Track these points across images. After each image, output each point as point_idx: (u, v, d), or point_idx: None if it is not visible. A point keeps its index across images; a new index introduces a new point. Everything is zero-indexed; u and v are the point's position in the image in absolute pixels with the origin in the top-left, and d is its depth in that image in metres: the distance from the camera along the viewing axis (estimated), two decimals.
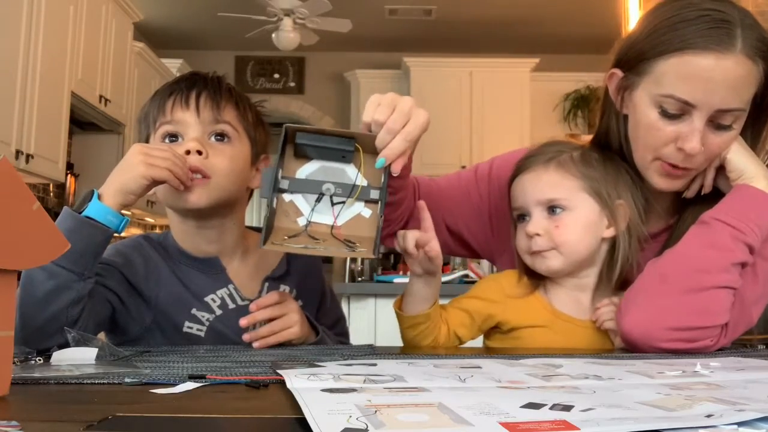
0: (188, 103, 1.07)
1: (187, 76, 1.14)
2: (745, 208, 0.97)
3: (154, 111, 1.09)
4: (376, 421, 0.44)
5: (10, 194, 0.55)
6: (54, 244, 0.61)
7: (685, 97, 0.94)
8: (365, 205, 0.92)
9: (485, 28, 5.89)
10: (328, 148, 0.91)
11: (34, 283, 0.91)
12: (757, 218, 0.97)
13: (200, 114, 1.07)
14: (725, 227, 0.96)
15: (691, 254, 0.97)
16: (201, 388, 0.62)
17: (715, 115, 0.95)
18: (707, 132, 0.96)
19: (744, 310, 1.00)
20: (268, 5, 4.95)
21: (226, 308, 1.10)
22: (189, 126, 1.06)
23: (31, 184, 3.84)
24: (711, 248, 0.96)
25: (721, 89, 0.93)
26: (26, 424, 0.45)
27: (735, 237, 0.96)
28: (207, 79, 1.12)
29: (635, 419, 0.45)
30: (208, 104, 1.08)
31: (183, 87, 1.09)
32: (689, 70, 0.93)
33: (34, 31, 3.42)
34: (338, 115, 6.58)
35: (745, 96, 0.95)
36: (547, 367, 0.72)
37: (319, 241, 0.89)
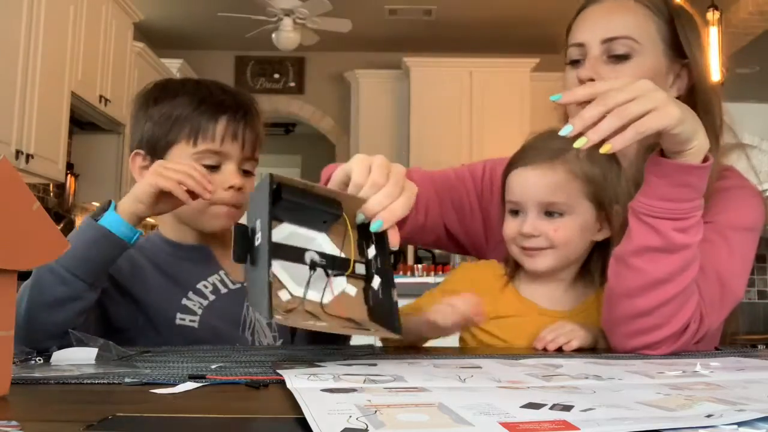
0: (237, 135, 1.11)
1: (235, 98, 1.13)
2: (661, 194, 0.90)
3: (198, 125, 1.09)
4: (376, 421, 0.44)
5: (10, 194, 0.55)
6: (54, 244, 0.61)
7: (576, 39, 1.07)
8: (348, 281, 0.78)
9: (485, 28, 5.89)
10: (311, 209, 0.77)
11: (45, 286, 0.92)
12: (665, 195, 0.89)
13: (243, 151, 1.12)
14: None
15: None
16: (201, 388, 0.62)
17: (606, 48, 1.04)
18: (604, 65, 1.04)
19: (725, 287, 0.98)
20: (268, 5, 4.95)
21: (219, 293, 1.12)
22: (231, 158, 1.11)
23: (31, 184, 3.84)
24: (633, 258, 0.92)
25: (601, 21, 1.05)
26: (26, 424, 0.45)
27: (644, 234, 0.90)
28: (254, 109, 1.15)
29: (635, 419, 0.45)
30: (251, 141, 1.13)
31: (236, 115, 1.11)
32: (580, 19, 1.09)
33: (34, 31, 3.42)
34: (338, 115, 6.58)
35: (630, 27, 1.03)
36: (547, 367, 0.72)
37: (319, 318, 0.74)
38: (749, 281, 3.27)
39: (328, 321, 0.74)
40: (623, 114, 0.78)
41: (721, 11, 4.42)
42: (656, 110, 0.79)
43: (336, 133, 6.67)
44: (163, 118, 1.11)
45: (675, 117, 0.80)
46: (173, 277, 1.11)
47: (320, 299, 0.75)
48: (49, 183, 4.18)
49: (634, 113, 0.78)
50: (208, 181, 0.99)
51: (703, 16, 4.69)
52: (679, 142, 0.83)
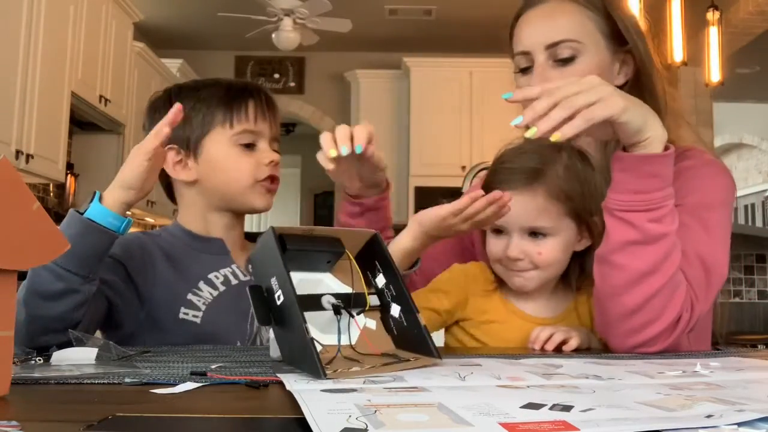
0: (266, 114, 1.17)
1: (250, 84, 1.21)
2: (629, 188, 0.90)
3: (231, 109, 1.14)
4: (376, 421, 0.44)
5: (10, 194, 0.55)
6: (54, 244, 0.61)
7: (520, 48, 1.09)
8: (365, 315, 0.77)
9: (485, 28, 5.88)
10: (314, 253, 0.75)
11: (42, 283, 0.92)
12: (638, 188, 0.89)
13: (271, 127, 1.18)
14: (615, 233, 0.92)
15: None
16: (201, 388, 0.62)
17: (551, 53, 1.06)
18: (551, 69, 1.06)
19: (709, 269, 0.97)
20: (268, 5, 4.95)
21: (229, 284, 1.14)
22: (264, 136, 1.17)
23: (31, 184, 3.84)
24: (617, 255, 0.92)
25: (542, 27, 1.07)
26: (26, 424, 0.45)
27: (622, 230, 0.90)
28: (268, 92, 1.22)
29: (634, 419, 0.45)
30: (276, 122, 1.20)
31: (260, 97, 1.18)
32: (521, 26, 1.11)
33: (34, 31, 3.42)
34: (338, 115, 6.58)
35: (570, 29, 1.06)
36: (546, 367, 0.72)
37: (359, 362, 0.70)
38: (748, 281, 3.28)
39: (368, 362, 0.70)
40: (570, 104, 0.81)
41: (721, 11, 4.42)
42: (601, 101, 0.82)
43: None
44: (191, 111, 1.13)
45: (619, 106, 0.83)
46: (184, 268, 1.12)
47: (350, 342, 0.73)
48: (49, 183, 4.18)
49: (580, 103, 0.81)
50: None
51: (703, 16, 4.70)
52: (630, 132, 0.86)
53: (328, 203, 7.78)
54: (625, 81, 1.10)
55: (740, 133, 9.06)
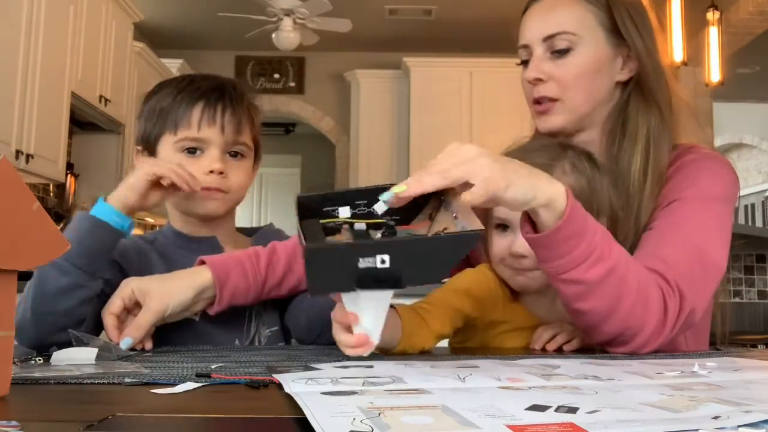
0: (215, 119, 1.11)
1: (213, 83, 1.15)
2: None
3: (176, 114, 1.11)
4: (381, 424, 0.43)
5: (10, 194, 0.55)
6: (54, 244, 0.61)
7: (521, 41, 1.12)
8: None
9: (485, 28, 5.89)
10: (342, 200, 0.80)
11: (48, 279, 0.95)
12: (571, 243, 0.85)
13: (224, 133, 1.12)
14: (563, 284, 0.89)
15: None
16: (201, 388, 0.62)
17: (548, 45, 1.08)
18: (547, 61, 1.08)
19: (704, 259, 0.96)
20: (268, 5, 4.95)
21: None
22: (212, 143, 1.12)
23: (31, 184, 3.84)
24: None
25: (540, 20, 1.10)
26: (26, 424, 0.45)
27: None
28: (232, 92, 1.14)
29: (642, 421, 0.45)
30: (232, 124, 1.13)
31: (212, 99, 1.12)
32: (523, 21, 1.13)
33: (34, 31, 3.42)
34: (338, 115, 6.58)
35: (568, 22, 1.07)
36: (544, 368, 0.72)
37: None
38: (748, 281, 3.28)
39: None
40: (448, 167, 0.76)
41: (721, 11, 4.42)
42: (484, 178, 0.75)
43: (336, 133, 6.67)
44: (151, 112, 1.14)
45: (500, 183, 0.77)
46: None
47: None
48: (49, 183, 4.18)
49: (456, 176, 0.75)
50: (190, 176, 1.05)
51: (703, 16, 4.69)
52: (518, 204, 0.81)
53: None
54: (629, 76, 1.10)
55: (740, 133, 9.06)
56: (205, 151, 1.12)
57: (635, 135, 1.06)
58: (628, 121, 1.08)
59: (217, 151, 1.12)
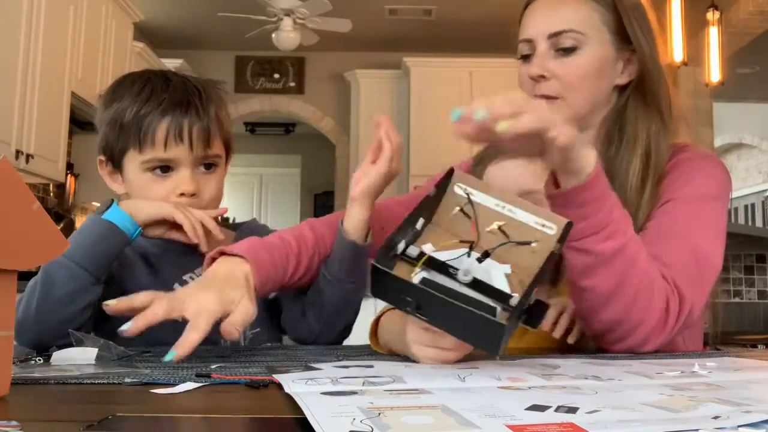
0: (182, 137, 1.05)
1: (177, 94, 1.06)
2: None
3: (139, 132, 1.05)
4: (381, 424, 0.43)
5: (10, 194, 0.55)
6: (54, 244, 0.61)
7: (524, 35, 1.10)
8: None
9: (485, 28, 5.89)
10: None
11: (56, 281, 0.95)
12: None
13: (193, 150, 1.06)
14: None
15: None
16: (201, 388, 0.62)
17: (554, 42, 1.06)
18: (552, 59, 1.06)
19: (700, 259, 0.96)
20: (268, 5, 4.95)
21: None
22: (181, 162, 1.07)
23: (31, 184, 3.84)
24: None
25: (547, 16, 1.08)
26: (26, 424, 0.45)
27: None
28: (198, 102, 1.07)
29: (642, 421, 0.45)
30: (200, 139, 1.06)
31: (177, 114, 1.05)
32: (527, 15, 1.11)
33: (34, 31, 3.42)
34: (338, 115, 6.58)
35: (575, 20, 1.06)
36: (544, 368, 0.72)
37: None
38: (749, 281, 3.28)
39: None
40: (525, 106, 0.83)
41: (721, 11, 4.42)
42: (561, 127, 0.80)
43: (336, 133, 6.67)
44: (112, 123, 1.08)
45: (570, 134, 0.80)
46: (159, 270, 1.11)
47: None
48: (49, 183, 4.18)
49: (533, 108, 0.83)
50: (203, 236, 1.05)
51: (703, 16, 4.69)
52: (572, 159, 0.83)
53: (328, 203, 7.78)
54: (628, 81, 1.09)
55: (740, 133, 9.06)
56: (175, 170, 1.07)
57: (634, 140, 1.06)
58: (626, 126, 1.07)
59: (187, 170, 1.07)
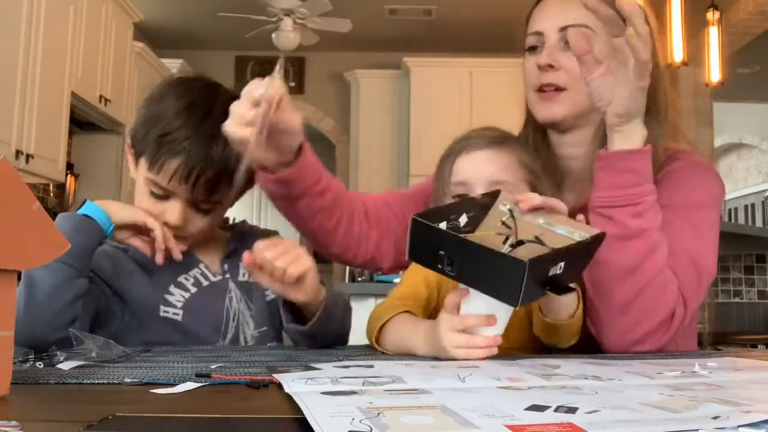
0: (188, 179, 1.04)
1: (215, 124, 0.99)
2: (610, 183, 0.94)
3: (153, 154, 1.05)
4: (380, 424, 0.43)
5: (10, 194, 0.55)
6: (54, 244, 0.61)
7: (534, 28, 1.13)
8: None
9: (485, 28, 5.88)
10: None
11: (38, 281, 0.95)
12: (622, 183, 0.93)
13: (194, 193, 1.06)
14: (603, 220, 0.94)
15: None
16: (201, 388, 0.62)
17: (562, 35, 1.09)
18: (561, 51, 1.09)
19: (698, 267, 0.99)
20: (268, 5, 4.95)
21: (201, 286, 1.13)
22: (177, 195, 1.07)
23: (31, 184, 3.84)
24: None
25: (559, 11, 1.11)
26: (26, 424, 0.45)
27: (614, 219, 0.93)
28: (218, 149, 1.04)
29: (641, 421, 0.45)
30: (204, 187, 1.06)
31: (192, 156, 1.03)
32: (539, 10, 1.15)
33: (34, 31, 3.42)
34: (338, 116, 6.58)
35: (585, 15, 1.05)
36: (544, 368, 0.72)
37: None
38: (749, 281, 3.28)
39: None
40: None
41: (721, 11, 4.42)
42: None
43: (336, 133, 6.67)
44: (143, 123, 1.09)
45: (649, 62, 0.87)
46: (154, 272, 1.11)
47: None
48: (49, 183, 4.18)
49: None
50: (167, 251, 1.07)
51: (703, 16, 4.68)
52: (626, 110, 0.91)
53: None
54: None
55: (740, 133, 9.06)
56: (170, 199, 1.07)
57: None
58: None
59: (180, 204, 1.07)
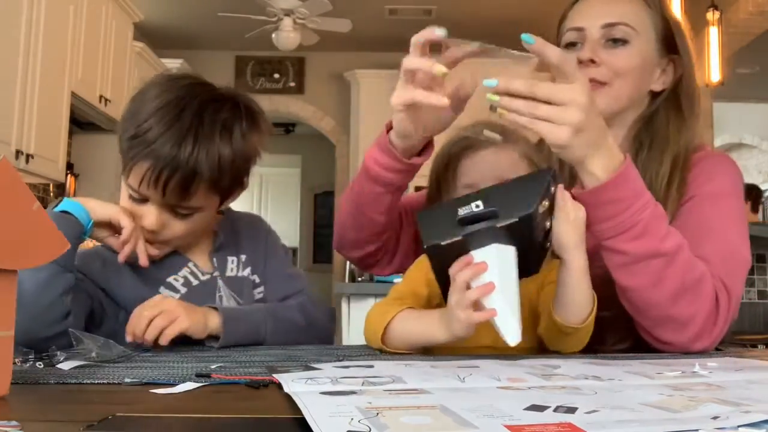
0: (156, 185, 1.02)
1: (179, 137, 1.00)
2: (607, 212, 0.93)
3: (128, 159, 1.03)
4: (379, 424, 0.43)
5: (10, 194, 0.55)
6: (54, 244, 0.61)
7: (575, 24, 1.13)
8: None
9: (485, 28, 5.88)
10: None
11: (25, 279, 0.93)
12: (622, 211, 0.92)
13: (165, 196, 1.04)
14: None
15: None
16: (201, 388, 0.62)
17: (606, 32, 1.09)
18: (602, 48, 1.10)
19: (735, 253, 1.01)
20: (268, 5, 4.95)
21: (191, 285, 1.13)
22: (152, 200, 1.05)
23: (31, 184, 3.84)
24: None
25: (602, 8, 1.12)
26: (26, 424, 0.45)
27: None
28: (207, 148, 1.02)
29: (641, 421, 0.45)
30: (176, 192, 1.03)
31: (160, 161, 1.00)
32: (580, 7, 1.15)
33: (34, 31, 3.42)
34: (338, 115, 6.58)
35: (628, 15, 1.10)
36: (544, 368, 0.72)
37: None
38: (749, 281, 3.27)
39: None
40: (533, 108, 0.84)
41: (721, 11, 4.42)
42: (554, 125, 0.84)
43: (336, 133, 6.67)
44: (123, 123, 1.07)
45: (560, 140, 0.85)
46: (144, 273, 1.11)
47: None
48: (49, 183, 4.18)
49: (539, 114, 0.84)
50: (140, 252, 1.05)
51: (703, 16, 4.68)
52: (569, 160, 0.90)
53: (328, 203, 7.78)
54: (662, 89, 1.13)
55: (740, 133, 9.05)
56: (148, 203, 1.06)
57: (665, 144, 1.10)
58: (658, 130, 1.11)
59: (155, 208, 1.06)
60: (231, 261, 1.19)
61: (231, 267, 1.18)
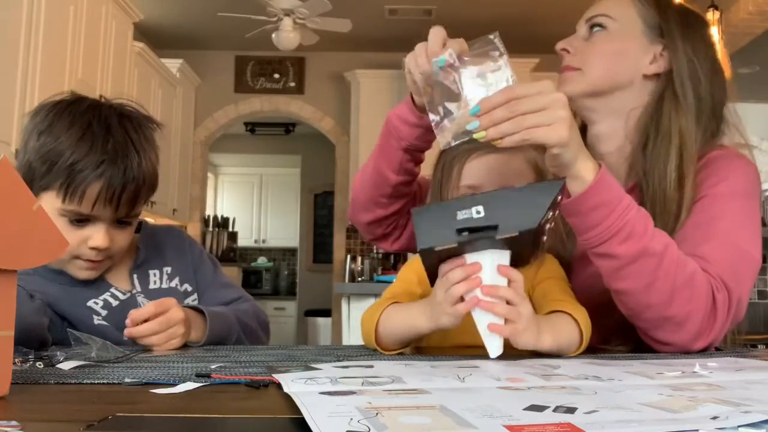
0: (112, 201, 1.04)
1: (117, 149, 1.04)
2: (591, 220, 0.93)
3: (68, 185, 1.02)
4: (378, 424, 0.43)
5: (10, 194, 0.55)
6: (54, 244, 0.61)
7: (576, 27, 1.20)
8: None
9: (485, 28, 5.87)
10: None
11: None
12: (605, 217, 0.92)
13: (118, 211, 1.06)
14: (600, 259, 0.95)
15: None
16: (201, 388, 0.62)
17: (588, 25, 1.18)
18: (580, 39, 1.18)
19: (743, 254, 1.00)
20: (268, 5, 4.95)
21: (111, 307, 1.13)
22: (101, 219, 1.06)
23: None
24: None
25: (591, 9, 1.18)
26: (26, 424, 0.45)
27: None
28: (136, 157, 1.05)
29: (640, 421, 0.45)
30: (128, 202, 1.06)
31: (114, 179, 1.02)
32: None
33: (34, 31, 3.42)
34: (338, 115, 6.58)
35: (609, 7, 1.16)
36: (544, 368, 0.72)
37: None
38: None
39: None
40: (520, 123, 0.85)
41: (721, 11, 4.42)
42: (549, 126, 0.85)
43: (336, 133, 6.67)
44: (42, 159, 1.05)
45: (562, 138, 0.86)
46: (70, 292, 1.11)
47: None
48: None
49: (528, 123, 0.85)
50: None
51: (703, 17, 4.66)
52: (560, 164, 0.90)
53: (328, 203, 7.77)
54: (657, 72, 1.14)
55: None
56: (91, 223, 1.06)
57: (669, 134, 1.10)
58: (661, 120, 1.12)
59: (104, 225, 1.07)
60: (153, 274, 1.19)
61: (154, 280, 1.18)
